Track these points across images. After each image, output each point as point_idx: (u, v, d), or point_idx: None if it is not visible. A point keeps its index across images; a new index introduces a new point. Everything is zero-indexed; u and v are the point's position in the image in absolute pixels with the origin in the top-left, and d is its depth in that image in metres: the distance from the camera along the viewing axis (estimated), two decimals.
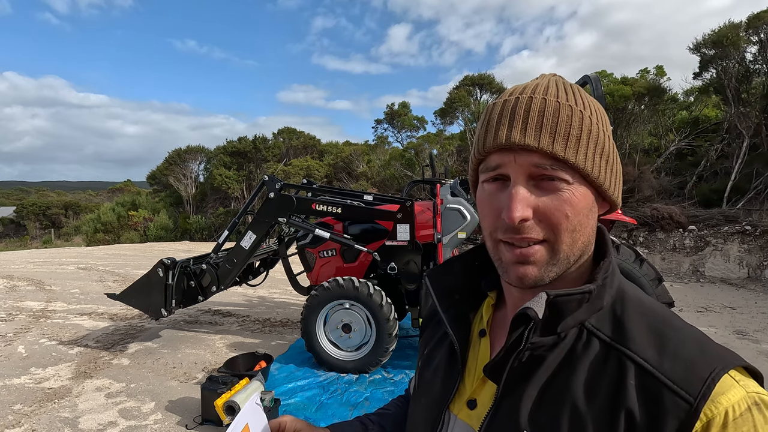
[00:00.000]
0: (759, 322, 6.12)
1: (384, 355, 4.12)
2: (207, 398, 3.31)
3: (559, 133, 0.54)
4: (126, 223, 21.27)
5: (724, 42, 11.07)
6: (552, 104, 0.55)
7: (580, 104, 0.57)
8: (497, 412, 0.60)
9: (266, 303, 7.23)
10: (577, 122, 0.55)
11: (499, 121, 0.57)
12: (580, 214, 0.57)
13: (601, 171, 0.57)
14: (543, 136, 0.54)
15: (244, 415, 0.73)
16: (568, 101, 0.56)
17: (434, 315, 0.81)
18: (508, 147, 0.56)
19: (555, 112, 0.55)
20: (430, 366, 0.75)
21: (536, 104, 0.56)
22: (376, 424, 0.88)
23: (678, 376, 0.51)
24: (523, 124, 0.55)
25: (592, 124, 0.56)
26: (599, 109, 0.60)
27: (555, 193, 0.56)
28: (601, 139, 0.57)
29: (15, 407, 3.63)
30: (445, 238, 4.27)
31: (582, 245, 0.59)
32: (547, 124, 0.54)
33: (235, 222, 4.88)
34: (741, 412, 0.49)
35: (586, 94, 0.60)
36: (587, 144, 0.56)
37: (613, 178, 0.59)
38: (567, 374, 0.56)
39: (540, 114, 0.55)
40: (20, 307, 6.83)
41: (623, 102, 12.70)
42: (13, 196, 68.81)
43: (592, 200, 0.58)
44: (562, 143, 0.54)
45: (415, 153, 16.95)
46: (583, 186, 0.57)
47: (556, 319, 0.57)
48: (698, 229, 9.73)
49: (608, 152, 0.58)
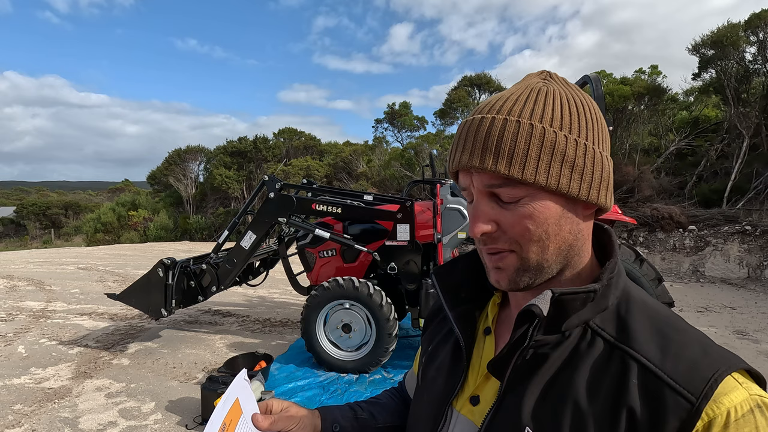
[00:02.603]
0: (759, 322, 6.12)
1: (384, 355, 4.12)
2: (207, 398, 3.31)
3: (503, 152, 0.56)
4: (126, 223, 21.27)
5: (723, 42, 11.08)
6: (500, 122, 0.57)
7: (538, 115, 0.57)
8: (500, 409, 0.60)
9: (266, 303, 7.23)
10: (524, 137, 0.56)
11: (456, 143, 0.61)
12: (545, 224, 0.58)
13: (561, 179, 0.57)
14: (487, 157, 0.56)
15: (233, 390, 0.73)
16: (521, 116, 0.57)
17: (439, 312, 0.82)
18: (464, 168, 0.60)
19: (501, 131, 0.56)
20: (433, 362, 0.76)
21: (485, 124, 0.57)
22: (366, 410, 0.89)
23: (680, 375, 0.52)
24: (471, 146, 0.58)
25: (546, 134, 0.56)
26: (577, 113, 0.58)
27: (514, 208, 0.58)
28: (560, 147, 0.56)
29: (15, 407, 3.63)
30: (445, 238, 4.27)
31: (556, 251, 0.59)
32: (491, 144, 0.56)
33: (235, 222, 4.88)
34: (743, 413, 0.49)
35: (561, 99, 0.59)
36: (537, 157, 0.56)
37: (584, 182, 0.58)
38: (570, 372, 0.57)
39: (487, 135, 0.57)
40: (20, 307, 6.83)
41: (623, 102, 12.70)
42: (13, 196, 68.81)
43: (559, 209, 0.58)
44: (505, 162, 0.56)
45: (415, 153, 16.95)
46: (544, 197, 0.57)
47: (561, 317, 0.58)
48: (698, 229, 9.73)
49: (573, 158, 0.57)
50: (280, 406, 0.79)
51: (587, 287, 0.57)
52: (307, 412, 0.81)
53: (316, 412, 0.83)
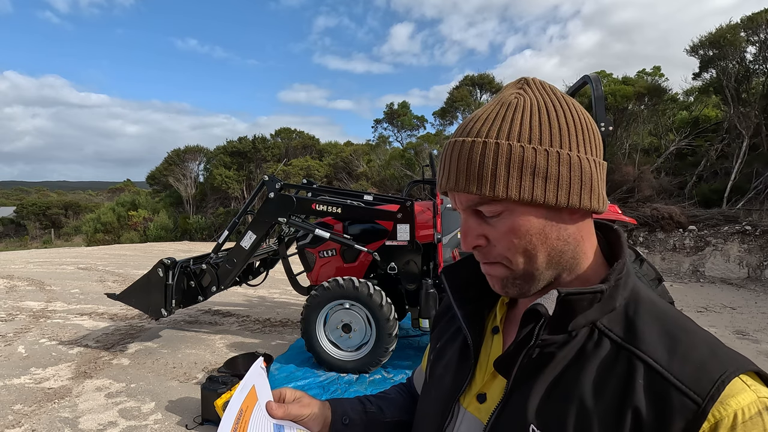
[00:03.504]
0: (759, 322, 6.12)
1: (384, 355, 4.11)
2: (207, 398, 3.31)
3: (474, 173, 0.58)
4: (126, 223, 21.27)
5: (722, 42, 11.08)
6: (468, 146, 0.59)
7: (505, 132, 0.58)
8: (506, 406, 0.61)
9: (266, 303, 7.23)
10: (491, 157, 0.57)
11: (441, 167, 0.65)
12: (527, 235, 0.59)
13: (535, 191, 0.57)
14: (460, 179, 0.60)
15: (250, 378, 0.75)
16: (488, 136, 0.58)
17: (448, 310, 0.83)
18: (448, 191, 0.64)
19: (469, 154, 0.59)
20: (441, 360, 0.77)
21: (457, 149, 0.61)
22: (374, 404, 0.90)
23: (687, 376, 0.51)
24: (448, 171, 0.62)
25: (512, 151, 0.57)
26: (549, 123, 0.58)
27: (497, 223, 0.61)
28: (529, 161, 0.57)
29: (15, 407, 3.63)
30: (445, 238, 4.27)
31: (546, 259, 0.60)
32: (463, 167, 0.59)
33: (235, 222, 4.88)
34: (751, 415, 0.49)
35: (532, 111, 0.59)
36: (506, 174, 0.57)
37: (561, 190, 0.58)
38: (576, 372, 0.57)
39: (458, 158, 0.60)
40: (20, 307, 6.83)
41: (624, 102, 12.70)
42: (13, 196, 68.80)
43: (540, 220, 0.59)
44: (475, 182, 0.58)
45: (415, 153, 16.95)
46: (522, 210, 0.59)
47: (567, 317, 0.58)
48: (698, 229, 9.73)
49: (543, 169, 0.57)
50: (293, 395, 0.80)
51: (594, 288, 0.58)
52: (318, 403, 0.82)
53: (326, 403, 0.84)
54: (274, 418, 0.74)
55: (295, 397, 0.79)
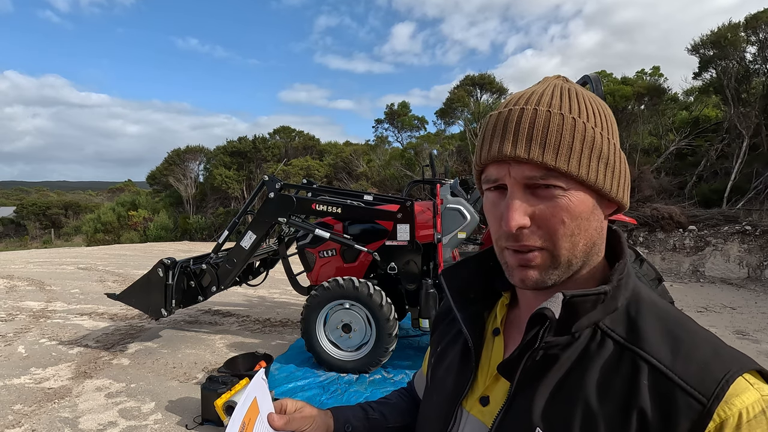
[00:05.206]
0: (759, 322, 6.12)
1: (384, 355, 4.11)
2: (207, 398, 3.31)
3: (549, 142, 0.56)
4: (126, 223, 21.27)
5: (722, 42, 11.08)
6: (543, 114, 0.57)
7: (575, 110, 0.58)
8: (510, 410, 0.61)
9: (266, 303, 7.23)
10: (569, 130, 0.56)
11: (493, 133, 0.59)
12: (579, 219, 0.58)
13: (599, 175, 0.58)
14: (533, 147, 0.56)
15: (252, 390, 0.75)
16: (561, 110, 0.57)
17: (448, 313, 0.82)
18: (502, 159, 0.58)
19: (545, 122, 0.56)
20: (442, 363, 0.77)
21: (527, 115, 0.57)
22: (376, 410, 0.90)
23: (691, 377, 0.52)
24: (514, 136, 0.57)
25: (587, 130, 0.57)
26: (602, 112, 0.60)
27: (551, 201, 0.57)
28: (597, 143, 0.57)
29: (15, 407, 3.63)
30: (445, 238, 4.27)
31: (584, 248, 0.60)
32: (537, 134, 0.56)
33: (235, 222, 4.88)
34: (755, 414, 0.49)
35: (587, 99, 0.60)
36: (581, 151, 0.56)
37: (615, 180, 0.59)
38: (580, 373, 0.57)
39: (531, 125, 0.56)
40: (20, 307, 6.83)
41: (624, 102, 12.70)
42: (13, 196, 68.78)
43: (592, 204, 0.59)
44: (552, 153, 0.55)
45: (415, 153, 16.94)
46: (581, 191, 0.58)
47: (571, 319, 0.58)
48: (698, 229, 9.73)
49: (607, 155, 0.58)
50: (294, 405, 0.80)
51: (598, 289, 0.58)
52: (320, 412, 0.82)
53: (328, 412, 0.84)
54: (275, 430, 0.75)
55: (296, 408, 0.79)
